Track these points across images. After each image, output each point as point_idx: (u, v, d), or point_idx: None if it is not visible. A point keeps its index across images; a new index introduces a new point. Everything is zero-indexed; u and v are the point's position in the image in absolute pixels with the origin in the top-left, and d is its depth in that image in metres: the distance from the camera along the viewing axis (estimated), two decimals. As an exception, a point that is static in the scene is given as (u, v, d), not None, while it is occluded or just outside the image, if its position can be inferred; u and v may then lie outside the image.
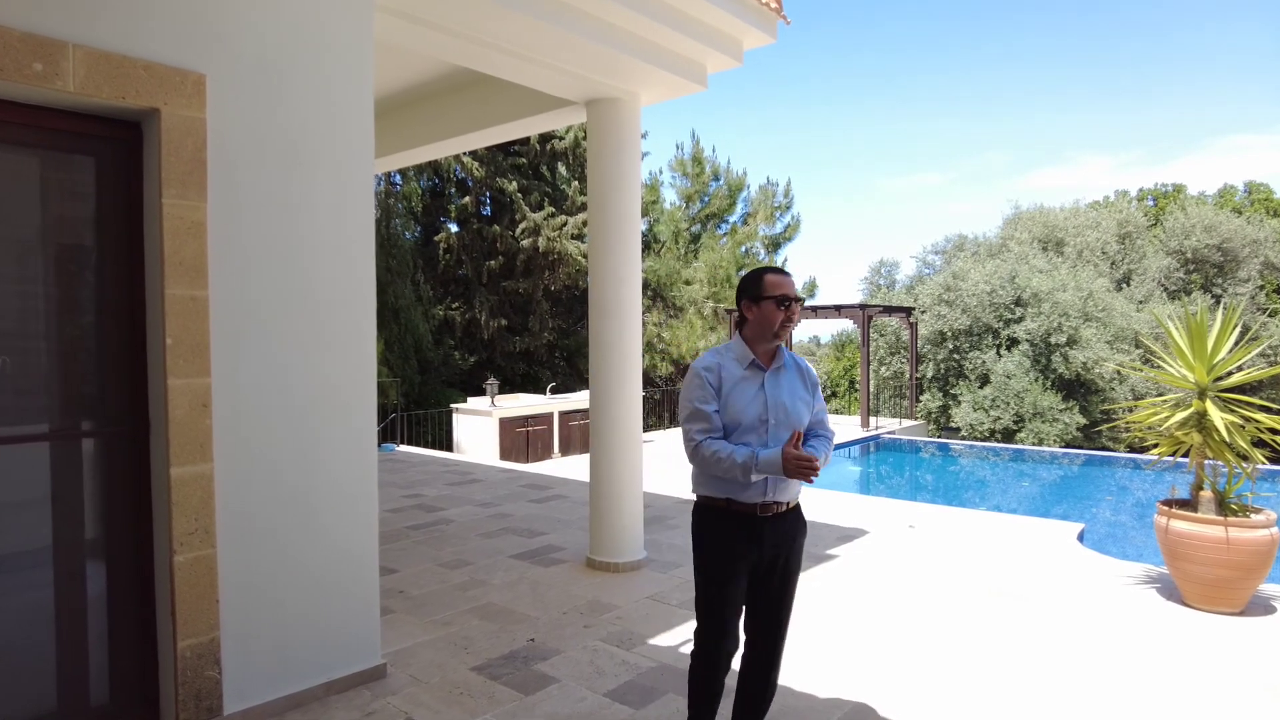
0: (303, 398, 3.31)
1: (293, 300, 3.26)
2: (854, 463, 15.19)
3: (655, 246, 23.49)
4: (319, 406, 3.35)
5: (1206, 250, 21.41)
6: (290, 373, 3.27)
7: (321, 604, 3.42)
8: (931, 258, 25.80)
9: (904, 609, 4.66)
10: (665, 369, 21.18)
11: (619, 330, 5.46)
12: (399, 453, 11.52)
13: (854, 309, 17.08)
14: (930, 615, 4.53)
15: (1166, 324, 5.21)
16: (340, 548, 3.48)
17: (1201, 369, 4.81)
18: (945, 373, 19.15)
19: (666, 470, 11.06)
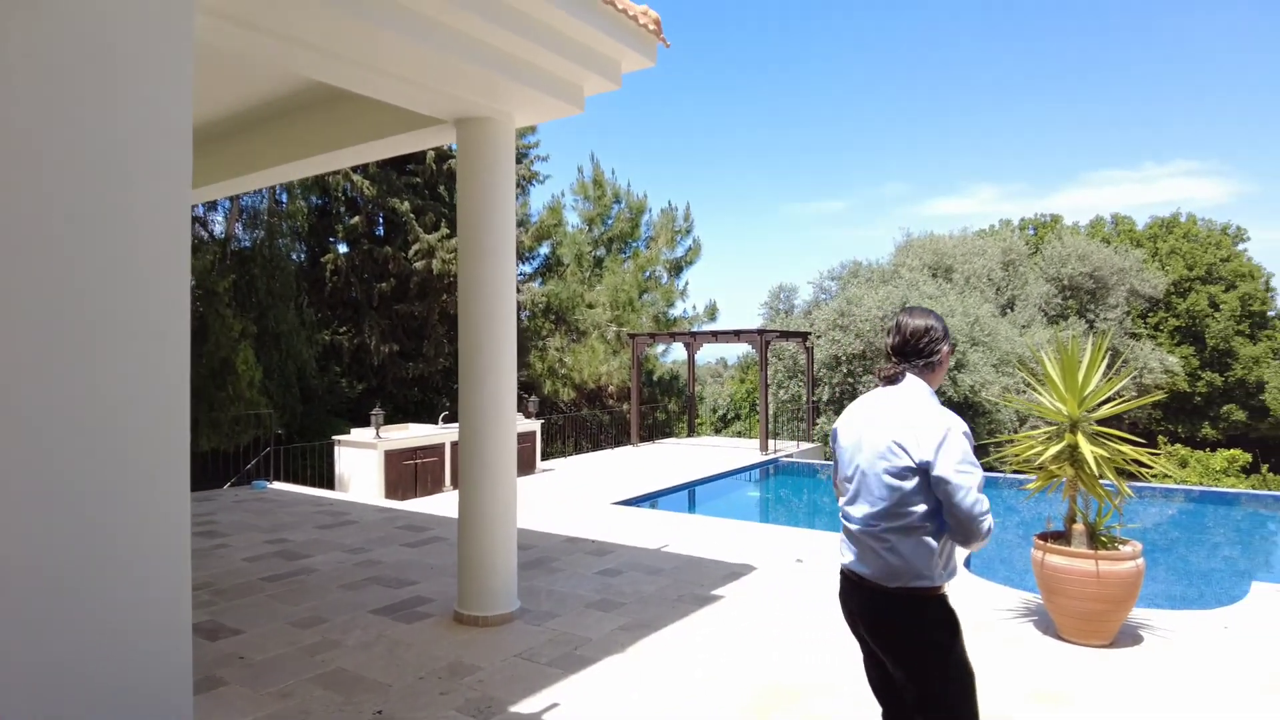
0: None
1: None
2: (753, 487, 15.20)
3: (559, 270, 23.21)
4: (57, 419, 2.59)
5: (1080, 278, 22.70)
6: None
7: (108, 684, 2.92)
8: (828, 283, 26.41)
9: (786, 656, 4.47)
10: (568, 394, 20.83)
11: (491, 360, 5.12)
12: (271, 491, 10.75)
13: (752, 334, 17.20)
14: (809, 657, 4.36)
15: (1041, 356, 5.27)
16: (135, 609, 2.97)
17: (1073, 402, 4.85)
18: (840, 396, 19.51)
19: (563, 503, 10.69)
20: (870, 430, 2.46)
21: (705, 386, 33.05)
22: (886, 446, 2.38)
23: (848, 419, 2.63)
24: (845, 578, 2.57)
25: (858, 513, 2.47)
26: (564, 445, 19.17)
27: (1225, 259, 26.53)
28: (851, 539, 2.53)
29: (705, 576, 6.09)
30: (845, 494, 2.58)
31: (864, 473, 2.45)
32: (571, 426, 20.03)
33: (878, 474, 2.39)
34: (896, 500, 2.36)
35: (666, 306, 23.59)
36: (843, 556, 2.58)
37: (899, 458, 2.34)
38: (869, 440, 2.45)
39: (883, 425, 2.43)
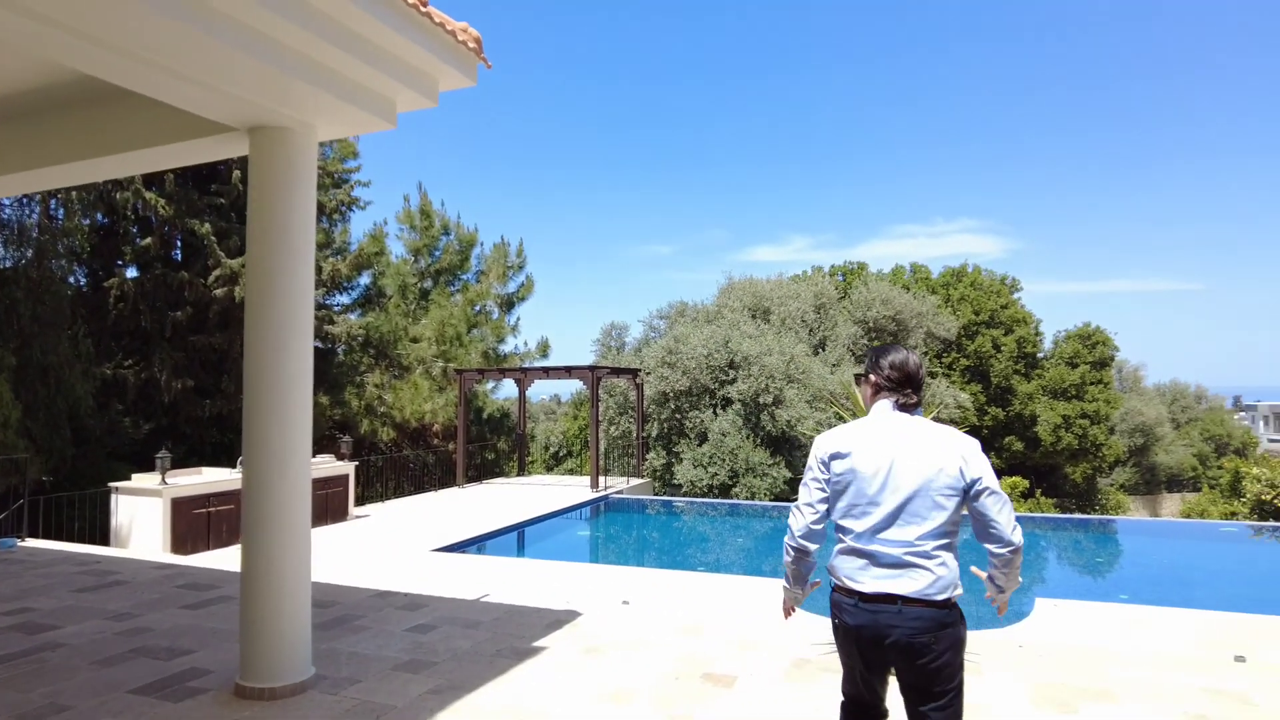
0: None
1: None
2: (583, 526, 14.93)
3: (380, 301, 22.09)
4: None
5: (884, 320, 24.54)
6: None
7: None
8: (657, 322, 26.93)
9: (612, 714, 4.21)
10: (388, 434, 19.70)
11: (281, 396, 4.58)
12: (23, 550, 9.21)
13: (584, 370, 17.09)
14: (635, 708, 4.13)
15: (854, 392, 5.43)
16: None
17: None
18: (669, 431, 19.78)
19: (376, 553, 9.90)
20: (913, 454, 2.52)
21: (537, 424, 32.59)
22: (940, 468, 2.49)
23: (865, 444, 2.59)
24: (874, 602, 2.50)
25: (907, 535, 2.49)
26: (383, 489, 18.04)
27: (1004, 306, 29.72)
28: (892, 564, 2.50)
29: (527, 627, 5.73)
30: (864, 518, 2.55)
31: (911, 495, 2.49)
32: (391, 468, 18.93)
33: (931, 495, 2.48)
34: (948, 518, 2.50)
35: (497, 342, 23.05)
36: (857, 580, 2.54)
37: (954, 478, 2.49)
38: (915, 464, 2.50)
39: (935, 449, 2.52)
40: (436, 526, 12.52)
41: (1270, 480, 15.81)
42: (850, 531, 2.57)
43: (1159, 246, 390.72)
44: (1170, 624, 6.64)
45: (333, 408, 18.69)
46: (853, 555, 2.56)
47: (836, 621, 2.64)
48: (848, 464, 2.58)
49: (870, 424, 2.65)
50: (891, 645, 2.47)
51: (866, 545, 2.53)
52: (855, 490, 2.56)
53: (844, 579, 2.58)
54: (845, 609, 2.57)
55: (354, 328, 18.12)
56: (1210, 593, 10.05)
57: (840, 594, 2.60)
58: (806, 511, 2.64)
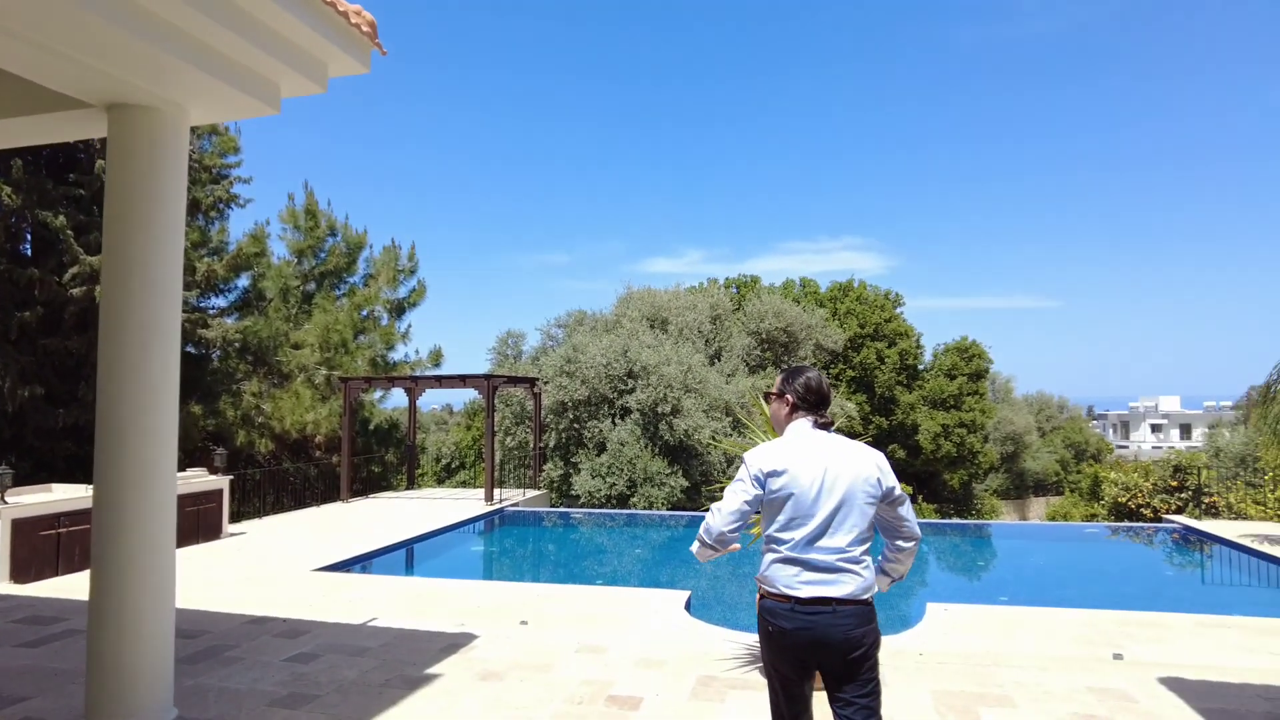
0: None
1: None
2: (477, 541, 14.45)
3: (260, 305, 20.81)
4: None
5: (776, 332, 25.11)
6: None
7: None
8: (555, 331, 26.62)
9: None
10: (266, 446, 18.54)
11: (143, 405, 4.09)
12: None
13: (479, 379, 16.61)
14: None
15: (761, 405, 5.38)
16: None
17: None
18: (567, 442, 19.51)
19: (253, 574, 9.17)
20: (841, 468, 2.75)
21: (428, 435, 31.59)
22: (864, 478, 2.75)
23: (800, 461, 2.76)
24: (810, 606, 2.66)
25: (838, 543, 2.70)
26: (261, 504, 16.96)
27: (888, 320, 31.01)
28: (827, 569, 2.68)
29: (419, 652, 5.36)
30: (800, 529, 2.71)
31: (844, 506, 2.71)
32: (270, 482, 17.81)
33: (861, 505, 2.73)
34: (869, 524, 2.77)
35: (386, 349, 22.14)
36: (795, 589, 2.68)
37: (874, 486, 2.77)
38: (847, 477, 2.74)
39: (856, 462, 2.77)
40: (319, 544, 11.81)
41: (1125, 484, 17.01)
42: (786, 542, 2.72)
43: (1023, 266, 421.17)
44: (1049, 624, 6.93)
45: (206, 418, 17.42)
46: (788, 564, 2.71)
47: (771, 629, 2.73)
48: (784, 480, 2.73)
49: (799, 442, 2.84)
50: (825, 645, 2.65)
51: (802, 554, 2.70)
52: (793, 504, 2.72)
53: (781, 587, 2.70)
54: (781, 615, 2.70)
55: (230, 332, 16.94)
56: (1079, 591, 10.65)
57: (775, 601, 2.72)
58: (729, 516, 2.77)
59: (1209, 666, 5.37)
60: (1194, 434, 74.88)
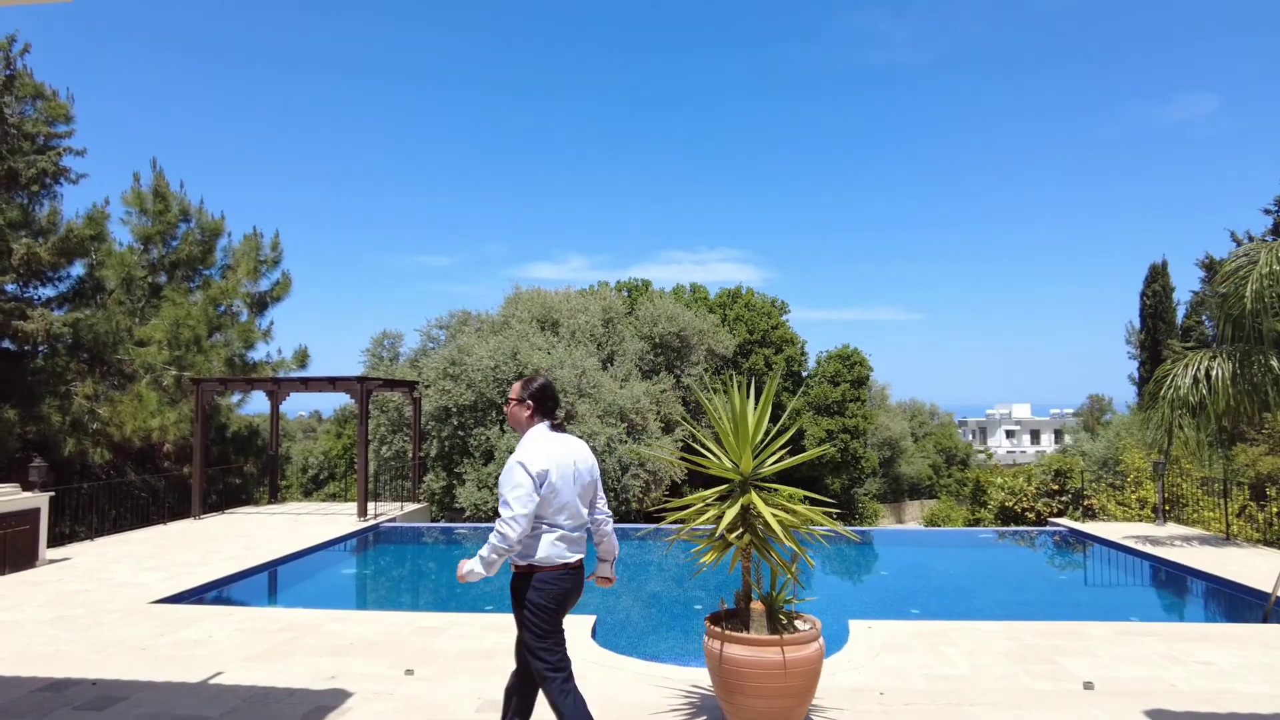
0: None
1: None
2: (349, 562, 12.99)
3: (98, 296, 18.36)
4: None
5: (669, 337, 24.58)
6: None
7: None
8: (436, 332, 25.11)
9: None
10: (101, 455, 16.25)
11: None
12: None
13: (351, 382, 15.10)
14: None
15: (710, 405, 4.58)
16: None
17: (747, 457, 4.19)
18: (450, 450, 18.19)
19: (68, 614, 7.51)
20: (580, 462, 3.56)
21: (294, 443, 29.24)
22: (591, 467, 3.65)
23: (558, 461, 3.45)
24: (574, 570, 3.50)
25: (582, 520, 3.57)
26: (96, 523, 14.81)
27: (775, 326, 31.12)
28: (578, 540, 3.52)
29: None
30: (562, 515, 3.45)
31: (583, 492, 3.56)
32: (109, 497, 15.60)
33: (593, 488, 3.67)
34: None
35: (245, 348, 20.02)
36: (569, 556, 3.47)
37: (595, 473, 3.69)
38: (584, 469, 3.57)
39: (583, 455, 3.62)
40: (161, 569, 10.16)
41: (1010, 488, 17.42)
42: (561, 527, 3.43)
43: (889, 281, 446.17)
44: (974, 639, 6.55)
45: (25, 424, 15.05)
46: (563, 542, 3.43)
47: (555, 590, 3.42)
48: (552, 478, 3.38)
49: (551, 444, 3.48)
50: (577, 591, 3.52)
51: (571, 533, 3.47)
52: (561, 496, 3.41)
53: (558, 560, 3.42)
54: (563, 579, 3.44)
55: (56, 324, 14.66)
56: (986, 600, 10.47)
57: (554, 572, 3.42)
58: (525, 522, 3.30)
59: (1178, 692, 5.00)
60: (1042, 439, 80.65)
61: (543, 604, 3.38)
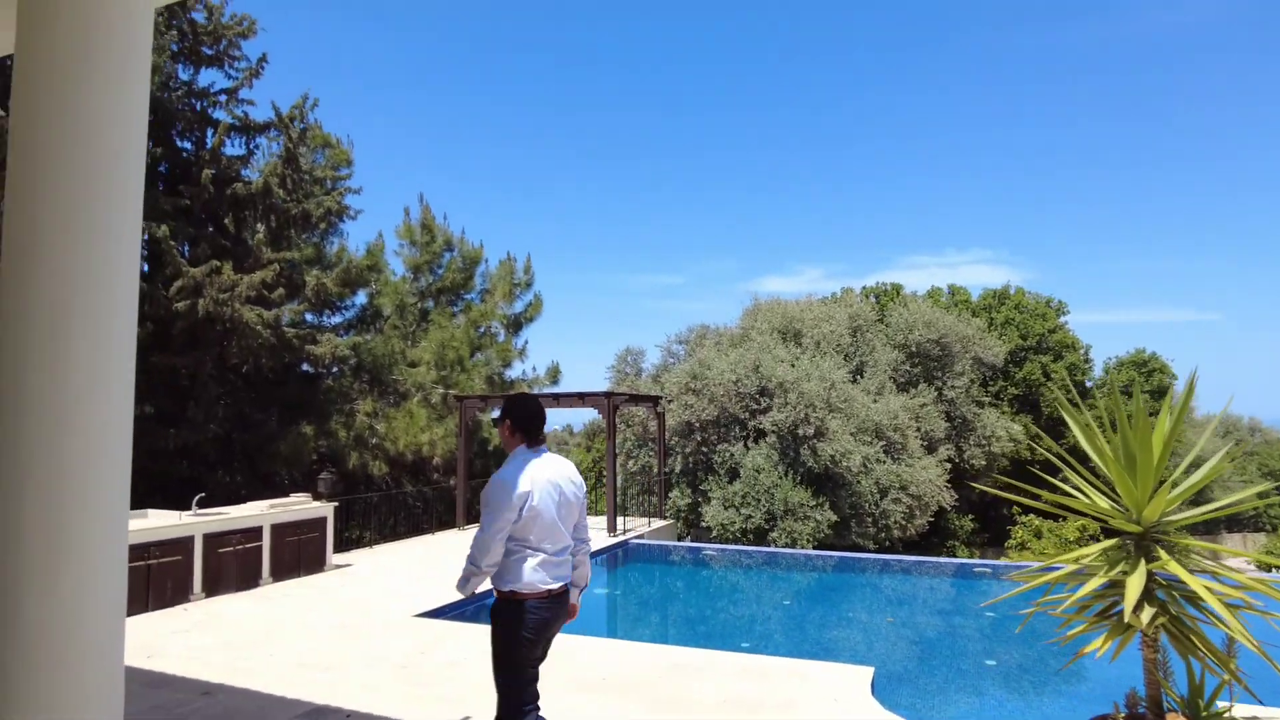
0: None
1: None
2: (601, 578, 12.73)
3: (377, 323, 20.18)
4: None
5: (928, 345, 22.39)
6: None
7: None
8: (676, 347, 24.94)
9: None
10: (380, 468, 17.62)
11: (62, 400, 2.51)
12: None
13: (599, 397, 15.01)
14: None
15: (1079, 428, 3.31)
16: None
17: (1160, 498, 2.88)
18: (694, 467, 17.63)
19: (346, 619, 7.73)
20: (565, 483, 3.47)
21: (546, 456, 30.50)
22: (577, 487, 3.55)
23: (540, 482, 3.34)
24: (556, 598, 3.38)
25: (563, 543, 3.43)
26: (377, 529, 16.03)
27: (1051, 330, 27.50)
28: (560, 566, 3.40)
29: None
30: (545, 539, 3.34)
31: (567, 514, 3.44)
32: (388, 507, 16.87)
33: (576, 510, 3.53)
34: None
35: (503, 366, 21.03)
36: (552, 583, 3.34)
37: (581, 494, 3.56)
38: (568, 490, 3.47)
39: (568, 475, 3.52)
40: (426, 580, 10.43)
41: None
42: (542, 551, 3.32)
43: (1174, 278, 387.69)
44: None
45: (318, 438, 16.67)
46: (544, 568, 3.31)
47: (535, 619, 3.27)
48: (534, 500, 3.28)
49: (534, 463, 3.39)
50: (557, 621, 3.41)
51: (553, 558, 3.36)
52: (543, 519, 3.31)
53: (540, 586, 3.29)
54: (543, 608, 3.30)
55: (339, 347, 16.13)
56: None
57: (535, 599, 3.28)
58: (498, 543, 3.27)
59: None
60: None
61: (521, 634, 3.26)
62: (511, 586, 3.27)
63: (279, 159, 15.49)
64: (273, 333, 14.31)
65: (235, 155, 15.37)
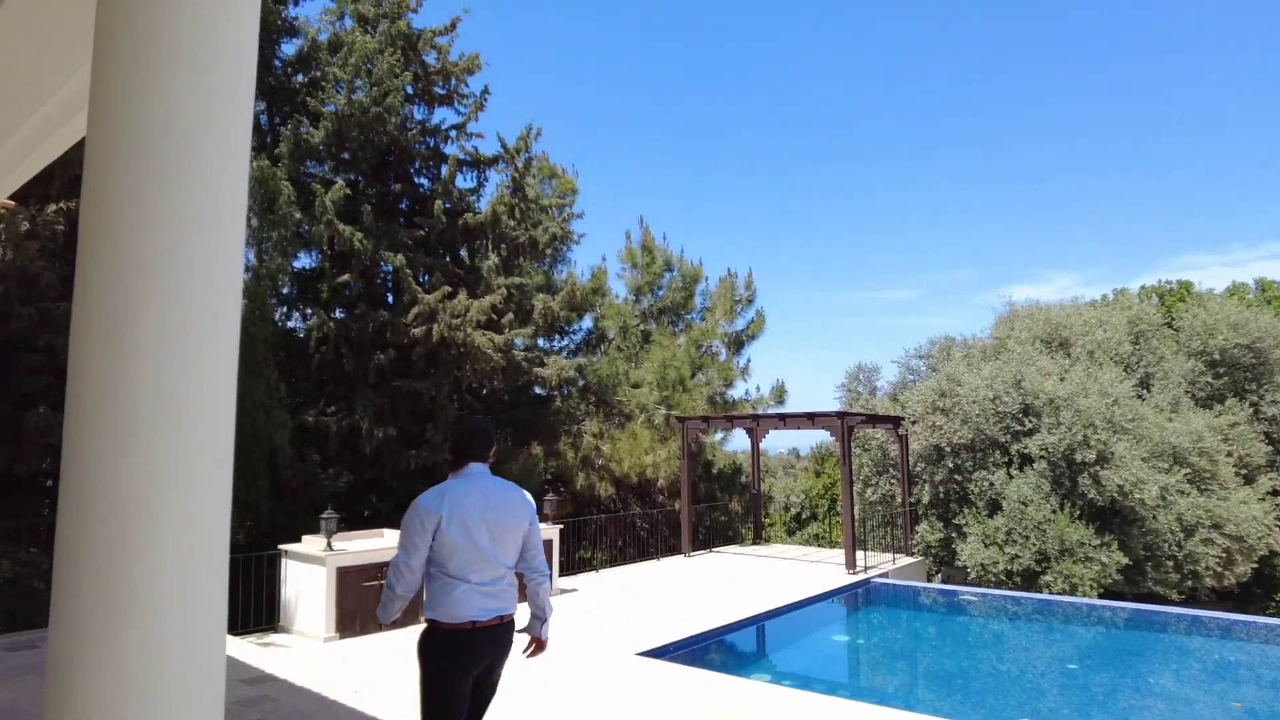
0: None
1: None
2: (839, 624, 11.34)
3: (602, 345, 20.26)
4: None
5: (1236, 351, 18.44)
6: None
7: None
8: (915, 363, 22.71)
9: None
10: (606, 490, 17.43)
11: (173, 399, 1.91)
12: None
13: (831, 417, 13.67)
14: None
15: None
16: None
17: None
18: (945, 497, 15.60)
19: (568, 652, 7.14)
20: (496, 506, 3.24)
21: (775, 480, 29.23)
22: (513, 512, 3.32)
23: (459, 501, 3.18)
24: (484, 630, 3.15)
25: (499, 573, 3.23)
26: (604, 551, 15.82)
27: None
28: (495, 597, 3.20)
29: None
30: (469, 566, 3.14)
31: (499, 538, 3.24)
32: (615, 529, 16.61)
33: (509, 538, 3.29)
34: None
35: (725, 386, 20.21)
36: (478, 615, 3.14)
37: (522, 521, 3.35)
38: (501, 512, 3.26)
39: (505, 498, 3.31)
40: (650, 612, 9.74)
41: None
42: (466, 580, 3.20)
43: None
44: None
45: (548, 459, 16.82)
46: (472, 596, 3.17)
47: (450, 649, 3.15)
48: (444, 525, 3.15)
49: (453, 488, 3.25)
50: (487, 656, 3.27)
51: (482, 586, 3.22)
52: (458, 544, 3.15)
53: (463, 617, 3.15)
54: (462, 638, 3.17)
55: (566, 369, 16.17)
56: None
57: (455, 629, 3.15)
58: (406, 567, 3.18)
59: None
60: None
61: (440, 663, 3.10)
62: (431, 615, 3.17)
63: (506, 189, 15.91)
64: (503, 356, 14.55)
65: (466, 188, 16.00)
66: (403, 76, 14.10)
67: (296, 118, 14.00)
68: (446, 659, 3.11)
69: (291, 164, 13.78)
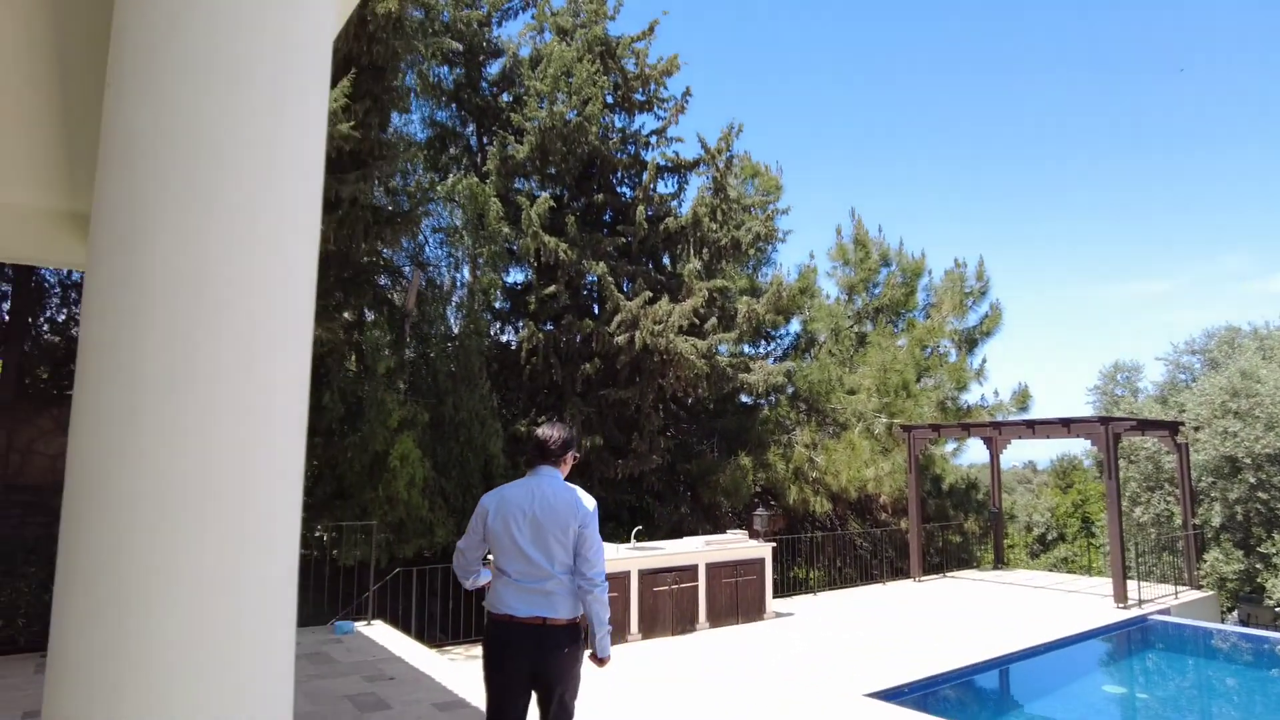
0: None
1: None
2: (1108, 671, 9.51)
3: (811, 350, 19.12)
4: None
5: None
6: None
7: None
8: (1187, 359, 19.37)
9: None
10: (821, 505, 16.28)
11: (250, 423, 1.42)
12: (361, 637, 7.74)
13: (1091, 423, 11.68)
14: None
15: None
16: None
17: None
18: (1246, 519, 12.85)
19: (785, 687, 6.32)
20: (541, 506, 3.29)
21: (1014, 496, 26.30)
22: (554, 514, 3.30)
23: (509, 498, 3.34)
24: (519, 626, 3.19)
25: (539, 572, 3.24)
26: (824, 571, 14.76)
27: None
28: (529, 594, 3.22)
29: None
30: (508, 560, 3.27)
31: (538, 538, 3.26)
32: (834, 547, 15.48)
33: (548, 539, 3.27)
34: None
35: (956, 390, 18.22)
36: (511, 609, 3.22)
37: (564, 524, 3.31)
38: (542, 512, 3.29)
39: (551, 499, 3.32)
40: (876, 646, 8.65)
41: None
42: (506, 573, 3.34)
43: None
44: None
45: (756, 470, 16.00)
46: (507, 590, 3.30)
47: (489, 639, 3.36)
48: (490, 519, 3.45)
49: (512, 486, 3.45)
50: (522, 654, 3.31)
51: (520, 583, 3.31)
52: (499, 539, 3.33)
53: (500, 608, 3.30)
54: (498, 630, 3.33)
55: (773, 374, 15.24)
56: None
57: (494, 619, 3.34)
58: (460, 553, 3.53)
59: None
60: None
61: (487, 652, 3.29)
62: (485, 602, 3.36)
63: (707, 190, 15.39)
64: (706, 362, 14.00)
65: (666, 194, 15.66)
66: (601, 84, 14.02)
67: (502, 134, 14.37)
68: (491, 647, 3.27)
69: (499, 180, 14.14)
